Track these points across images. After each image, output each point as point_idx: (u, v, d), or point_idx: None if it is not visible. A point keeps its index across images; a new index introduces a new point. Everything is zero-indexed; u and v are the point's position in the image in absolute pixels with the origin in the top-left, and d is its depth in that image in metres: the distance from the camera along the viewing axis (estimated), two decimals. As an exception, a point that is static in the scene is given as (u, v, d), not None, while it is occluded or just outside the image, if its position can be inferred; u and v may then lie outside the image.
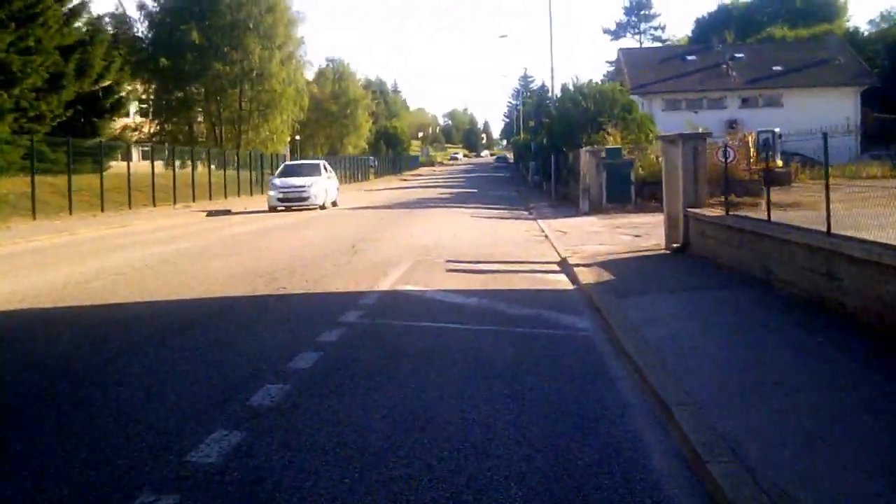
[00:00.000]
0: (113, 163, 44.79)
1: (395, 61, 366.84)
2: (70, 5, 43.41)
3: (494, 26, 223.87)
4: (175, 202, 43.45)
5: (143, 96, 70.95)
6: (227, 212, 37.88)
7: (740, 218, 12.93)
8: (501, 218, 30.11)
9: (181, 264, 16.43)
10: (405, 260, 16.19)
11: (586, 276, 13.52)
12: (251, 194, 55.55)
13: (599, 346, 8.95)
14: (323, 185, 38.54)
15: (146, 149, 60.74)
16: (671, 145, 16.89)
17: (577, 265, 14.90)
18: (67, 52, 41.43)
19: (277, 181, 38.84)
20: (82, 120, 43.68)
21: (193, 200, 45.82)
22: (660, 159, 32.60)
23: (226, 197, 51.16)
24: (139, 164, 49.15)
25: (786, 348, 8.17)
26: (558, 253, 17.58)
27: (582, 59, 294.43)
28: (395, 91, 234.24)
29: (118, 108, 47.39)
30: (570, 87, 42.36)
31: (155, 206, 40.86)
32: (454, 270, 14.76)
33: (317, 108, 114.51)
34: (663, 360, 7.93)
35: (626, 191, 30.12)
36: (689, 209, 15.54)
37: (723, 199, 17.76)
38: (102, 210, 36.16)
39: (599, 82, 44.12)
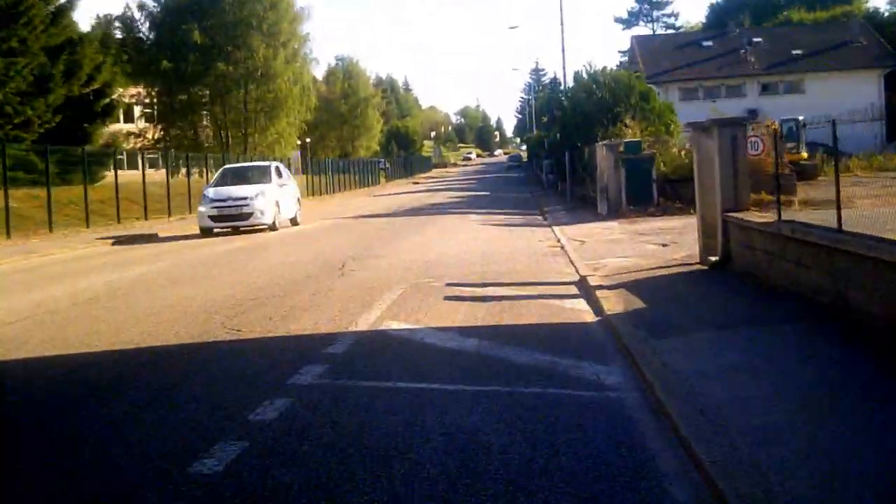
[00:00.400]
0: (108, 172, 42.91)
1: (405, 57, 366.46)
2: (57, 4, 41.42)
3: (505, 18, 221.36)
4: (170, 214, 41.40)
5: (147, 100, 69.30)
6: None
7: (801, 226, 10.33)
8: (513, 225, 27.71)
9: (133, 295, 14.14)
10: (399, 283, 13.84)
11: (611, 303, 11.14)
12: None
13: (638, 419, 6.54)
14: (273, 195, 28.74)
15: (152, 156, 59.61)
16: (704, 135, 14.44)
17: (599, 286, 12.54)
18: (54, 53, 39.49)
19: (211, 192, 29.15)
20: (74, 125, 41.53)
21: (190, 212, 43.67)
22: (683, 153, 30.55)
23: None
24: (139, 174, 47.55)
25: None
26: (576, 269, 15.21)
27: (594, 49, 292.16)
28: (407, 89, 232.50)
29: (110, 111, 45.03)
30: (584, 76, 39.77)
31: (147, 219, 38.67)
32: (454, 298, 12.38)
33: (327, 108, 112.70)
34: (733, 445, 5.56)
35: (647, 190, 27.70)
36: (728, 214, 13.11)
37: (763, 198, 15.49)
38: (88, 226, 34.05)
39: (614, 69, 41.48)
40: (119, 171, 42.23)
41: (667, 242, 18.75)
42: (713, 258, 14.00)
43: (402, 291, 12.91)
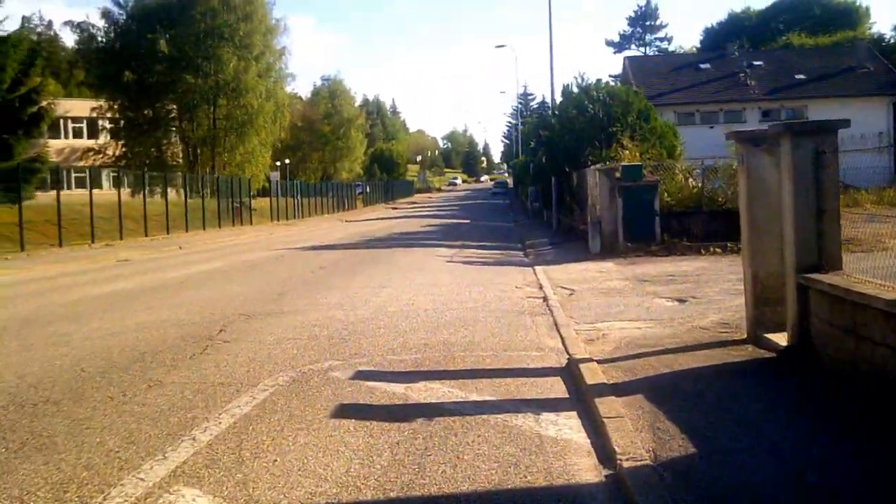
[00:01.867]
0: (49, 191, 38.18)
1: (394, 80, 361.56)
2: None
3: (495, 40, 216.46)
4: (122, 237, 37.31)
5: (109, 114, 64.60)
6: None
7: None
8: (487, 263, 22.70)
9: None
10: (279, 371, 8.83)
11: (626, 434, 6.21)
12: (219, 226, 48.39)
13: None
14: None
15: (115, 174, 54.82)
16: (759, 150, 9.57)
17: (601, 387, 7.62)
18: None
19: None
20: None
21: (146, 234, 39.06)
22: (690, 181, 25.78)
23: (187, 230, 44.00)
24: (99, 193, 43.29)
25: None
26: (563, 343, 10.28)
27: (584, 73, 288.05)
28: (395, 112, 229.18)
29: (38, 121, 39.78)
30: (574, 89, 34.79)
31: (93, 242, 34.48)
32: (354, 410, 7.37)
33: (309, 128, 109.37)
34: None
35: (649, 224, 22.94)
36: (809, 276, 8.19)
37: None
38: (23, 249, 29.76)
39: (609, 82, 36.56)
40: (66, 191, 37.78)
41: (684, 297, 13.95)
42: (772, 337, 9.15)
43: (268, 394, 7.84)
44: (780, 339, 9.06)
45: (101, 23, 66.07)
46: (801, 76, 60.98)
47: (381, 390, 7.96)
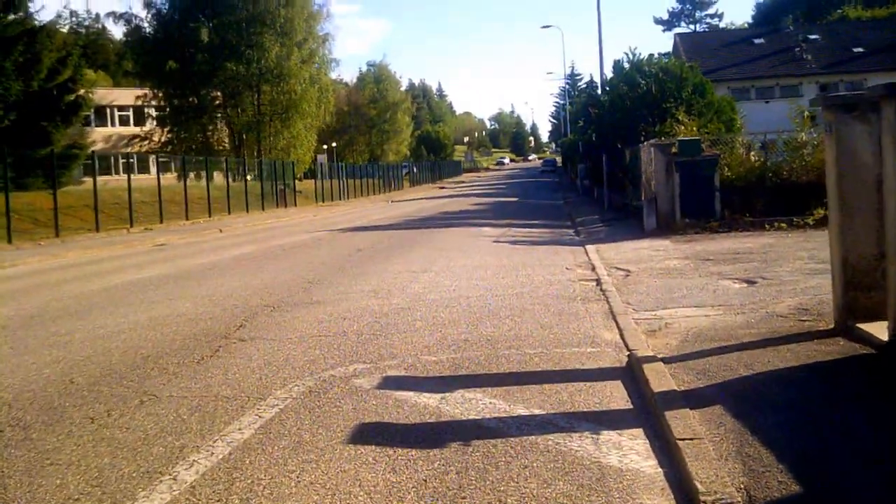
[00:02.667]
0: (86, 178, 37.78)
1: (440, 62, 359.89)
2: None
3: (541, 20, 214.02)
4: (162, 220, 36.60)
5: (154, 102, 64.36)
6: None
7: None
8: (536, 243, 21.42)
9: None
10: (295, 379, 7.63)
11: (708, 463, 4.96)
12: (262, 209, 47.63)
13: None
14: None
15: (164, 160, 54.65)
16: (851, 118, 8.20)
17: (670, 394, 6.37)
18: (7, 44, 33.89)
19: None
20: (32, 124, 35.88)
21: (187, 218, 38.40)
22: (753, 155, 24.23)
23: (229, 213, 43.29)
24: (144, 178, 43.07)
25: None
26: (622, 338, 9.01)
27: (636, 47, 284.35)
28: (441, 95, 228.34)
29: (76, 110, 39.18)
30: (626, 65, 33.20)
31: (132, 226, 33.65)
32: (376, 427, 6.22)
33: (356, 113, 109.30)
34: None
35: (708, 200, 21.56)
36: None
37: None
38: (58, 235, 28.90)
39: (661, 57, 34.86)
40: (112, 176, 37.45)
41: (752, 278, 12.62)
42: (867, 328, 7.85)
43: (277, 411, 6.61)
44: (877, 329, 7.73)
45: (143, 13, 65.92)
46: (859, 49, 58.75)
47: (410, 403, 6.71)
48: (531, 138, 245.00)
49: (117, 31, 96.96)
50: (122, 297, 13.82)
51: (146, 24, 65.79)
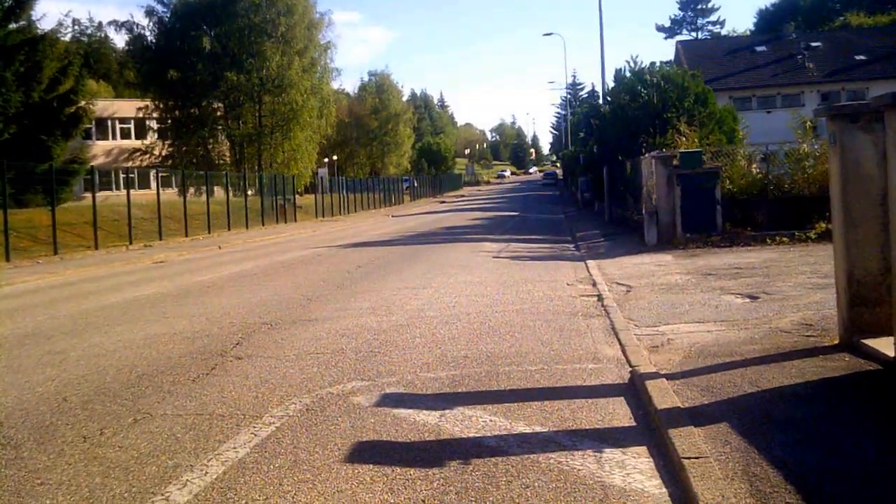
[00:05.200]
0: (86, 193, 37.69)
1: (441, 72, 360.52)
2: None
3: (542, 28, 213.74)
4: (161, 237, 36.20)
5: (155, 114, 64.29)
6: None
7: None
8: (537, 258, 21.28)
9: None
10: (292, 397, 7.50)
11: (714, 483, 4.83)
12: (262, 224, 47.47)
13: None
14: None
15: (165, 174, 54.48)
16: (855, 128, 8.10)
17: (675, 411, 6.24)
18: (8, 54, 33.80)
19: None
20: (32, 137, 35.76)
21: (186, 234, 38.35)
22: (754, 167, 24.06)
23: (229, 229, 43.08)
24: (145, 194, 42.94)
25: None
26: (624, 353, 8.90)
27: (637, 55, 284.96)
28: (442, 106, 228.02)
29: (76, 122, 38.98)
30: (627, 73, 33.06)
31: (131, 243, 33.40)
32: (374, 445, 6.11)
33: (357, 124, 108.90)
34: None
35: (709, 213, 21.46)
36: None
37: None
38: (56, 253, 28.74)
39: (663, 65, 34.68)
40: (112, 192, 37.26)
41: (755, 293, 12.51)
42: (872, 343, 7.77)
43: (273, 429, 6.51)
44: (882, 345, 7.63)
45: (145, 21, 65.90)
46: (862, 57, 58.49)
47: (409, 421, 6.59)
48: (532, 150, 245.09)
49: (119, 40, 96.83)
50: (119, 315, 13.70)
51: (148, 33, 65.72)
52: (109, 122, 70.75)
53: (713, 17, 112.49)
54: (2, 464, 5.98)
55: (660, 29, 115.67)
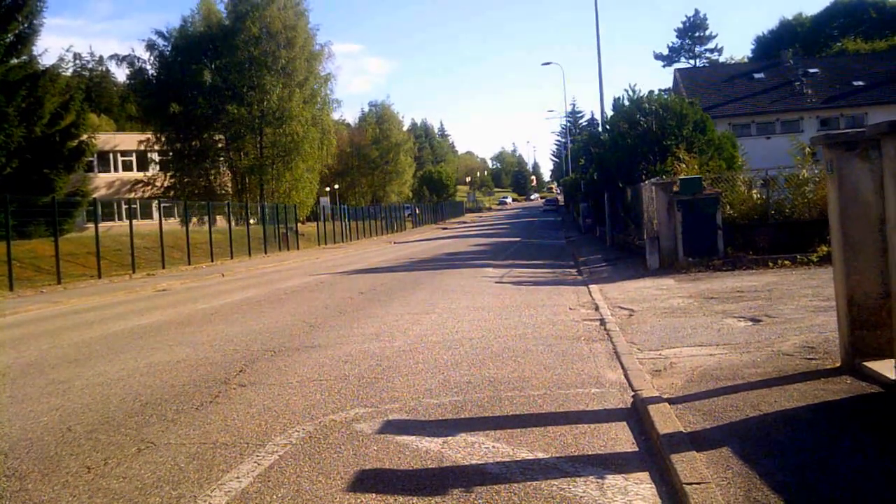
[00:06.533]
0: (89, 224, 37.75)
1: (442, 101, 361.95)
2: (15, 31, 35.96)
3: (541, 58, 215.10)
4: (164, 266, 36.40)
5: (157, 147, 64.54)
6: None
7: None
8: (538, 283, 21.32)
9: None
10: (294, 425, 7.53)
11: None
12: (265, 252, 47.58)
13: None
14: None
15: (167, 205, 54.71)
16: (853, 156, 8.15)
17: (676, 437, 6.25)
18: (11, 89, 33.97)
19: None
20: (34, 171, 35.89)
21: (189, 263, 38.46)
22: (754, 193, 24.12)
23: (232, 257, 43.22)
24: (147, 224, 43.14)
25: None
26: (627, 378, 8.91)
27: (635, 83, 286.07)
28: (443, 135, 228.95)
29: (79, 155, 39.12)
30: (625, 102, 33.20)
31: (134, 272, 33.54)
32: (377, 473, 6.11)
33: (358, 154, 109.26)
34: None
35: (710, 238, 21.48)
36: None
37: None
38: (60, 282, 28.82)
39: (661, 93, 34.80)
40: (115, 222, 37.34)
41: (757, 316, 12.53)
42: (873, 366, 7.78)
43: (276, 458, 6.51)
44: (883, 367, 7.66)
45: (146, 55, 66.25)
46: (860, 83, 58.68)
47: (412, 448, 6.60)
48: (533, 177, 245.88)
49: (121, 74, 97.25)
50: (122, 343, 13.74)
51: (149, 67, 66.09)
52: (111, 155, 71.11)
53: (711, 45, 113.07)
54: (6, 496, 5.98)
55: (658, 57, 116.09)
